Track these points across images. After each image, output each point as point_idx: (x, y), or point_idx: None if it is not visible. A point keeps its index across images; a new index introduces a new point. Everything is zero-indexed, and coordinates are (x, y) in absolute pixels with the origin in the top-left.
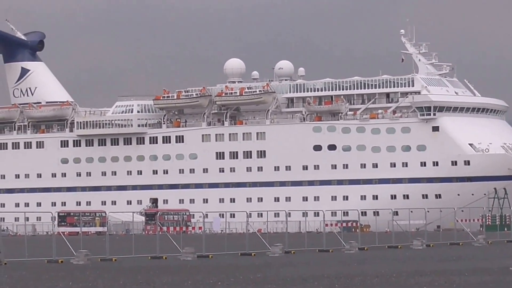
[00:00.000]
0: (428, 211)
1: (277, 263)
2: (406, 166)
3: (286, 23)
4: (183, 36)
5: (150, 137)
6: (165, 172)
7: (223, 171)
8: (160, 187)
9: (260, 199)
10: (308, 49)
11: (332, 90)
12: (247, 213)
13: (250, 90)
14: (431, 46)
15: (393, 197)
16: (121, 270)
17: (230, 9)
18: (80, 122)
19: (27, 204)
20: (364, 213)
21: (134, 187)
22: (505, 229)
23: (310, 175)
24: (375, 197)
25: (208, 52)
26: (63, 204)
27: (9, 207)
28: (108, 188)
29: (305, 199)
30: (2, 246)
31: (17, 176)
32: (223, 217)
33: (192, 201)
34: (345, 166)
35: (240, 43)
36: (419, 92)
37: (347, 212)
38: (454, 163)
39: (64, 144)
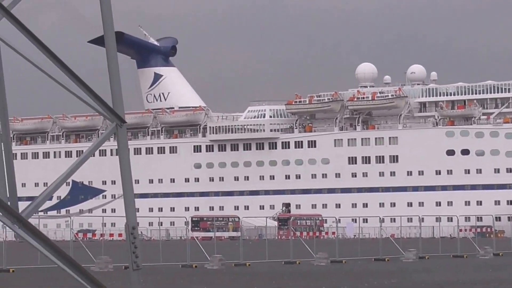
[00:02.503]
0: None
1: (411, 269)
2: None
3: (418, 28)
4: (315, 40)
5: (282, 142)
6: (298, 177)
7: (355, 176)
8: (293, 192)
9: (393, 204)
10: (441, 53)
11: (465, 94)
12: (380, 218)
13: (382, 94)
14: None
15: None
16: (255, 275)
17: (361, 12)
18: (213, 127)
19: (160, 209)
20: (498, 219)
21: (267, 192)
22: None
23: (443, 180)
24: (510, 202)
25: (340, 57)
26: (197, 209)
27: (143, 212)
28: (241, 193)
29: (438, 204)
30: (139, 250)
31: (151, 181)
32: (356, 222)
33: (324, 206)
34: (479, 171)
35: (372, 47)
36: None
37: (481, 218)
38: None
39: (197, 149)
